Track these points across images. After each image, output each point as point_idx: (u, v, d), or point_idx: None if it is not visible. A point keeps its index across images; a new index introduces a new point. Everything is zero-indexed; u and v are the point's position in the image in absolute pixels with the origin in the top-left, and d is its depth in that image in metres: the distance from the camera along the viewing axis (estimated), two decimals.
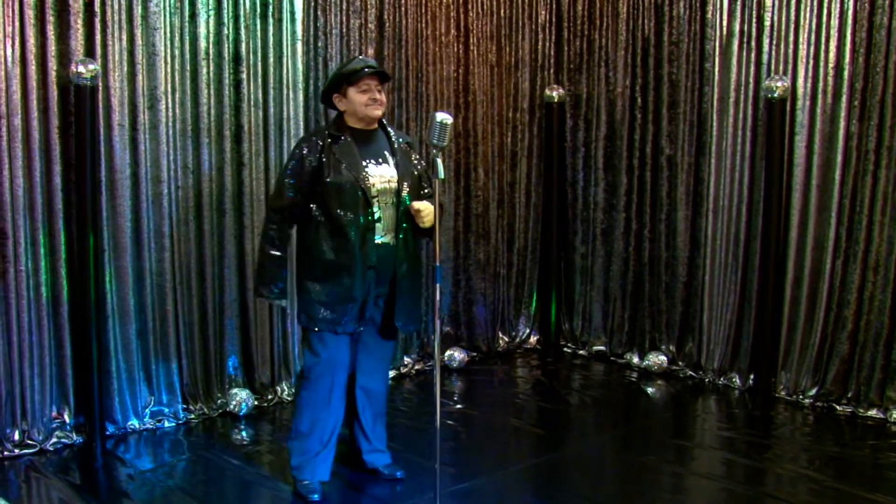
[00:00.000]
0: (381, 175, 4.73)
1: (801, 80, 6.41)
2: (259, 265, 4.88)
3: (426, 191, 4.96)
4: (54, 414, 5.57)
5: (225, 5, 6.04)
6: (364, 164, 4.69)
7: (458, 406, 6.51)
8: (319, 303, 4.68)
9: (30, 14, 5.26)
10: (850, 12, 6.11)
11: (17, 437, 5.39)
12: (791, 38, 6.44)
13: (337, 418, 4.85)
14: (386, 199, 4.73)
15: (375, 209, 4.68)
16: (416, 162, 4.98)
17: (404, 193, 4.75)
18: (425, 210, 4.71)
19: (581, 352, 8.01)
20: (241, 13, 6.13)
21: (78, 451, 5.51)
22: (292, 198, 4.70)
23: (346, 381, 4.89)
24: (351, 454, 5.12)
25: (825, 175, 6.34)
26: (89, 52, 5.49)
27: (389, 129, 4.94)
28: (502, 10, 7.78)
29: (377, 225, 4.69)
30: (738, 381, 6.87)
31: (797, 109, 6.42)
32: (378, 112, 4.76)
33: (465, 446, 5.70)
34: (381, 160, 4.78)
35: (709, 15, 6.93)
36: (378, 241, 4.70)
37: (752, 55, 6.66)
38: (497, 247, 7.96)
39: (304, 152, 4.71)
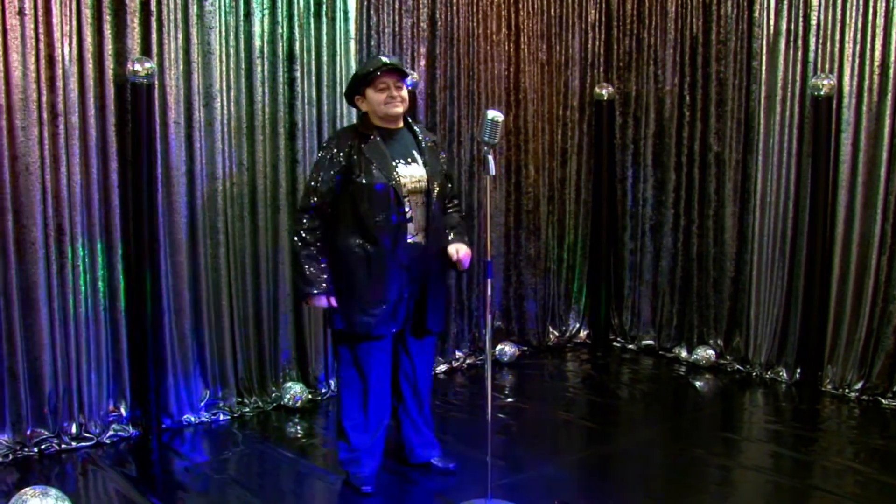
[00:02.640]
0: (412, 175, 4.52)
1: (846, 79, 6.22)
2: (298, 270, 4.57)
3: (450, 186, 4.84)
4: (111, 407, 5.45)
5: (279, 4, 5.88)
6: (394, 163, 4.48)
7: (509, 399, 6.34)
8: (352, 306, 4.48)
9: (87, 13, 5.12)
10: None
11: (74, 430, 5.26)
12: (837, 37, 6.25)
13: (380, 414, 4.69)
14: (416, 198, 4.53)
15: (407, 209, 4.48)
16: (442, 160, 4.78)
17: (434, 192, 4.55)
18: (465, 255, 4.65)
19: (630, 346, 7.81)
20: (295, 12, 5.96)
21: (134, 444, 5.39)
22: (321, 197, 4.46)
23: (388, 375, 4.70)
24: (400, 447, 4.97)
25: (871, 172, 6.15)
26: (145, 51, 5.35)
27: (416, 127, 4.71)
28: (552, 9, 7.55)
29: (409, 225, 4.49)
30: (784, 374, 6.67)
31: (843, 107, 6.24)
32: (398, 109, 4.52)
33: (515, 439, 5.53)
34: (409, 160, 4.57)
35: (756, 14, 6.72)
36: (409, 241, 4.50)
37: (799, 54, 6.46)
38: (547, 242, 7.76)
39: (334, 151, 4.50)
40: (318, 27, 6.08)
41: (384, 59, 4.52)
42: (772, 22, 6.59)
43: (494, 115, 4.14)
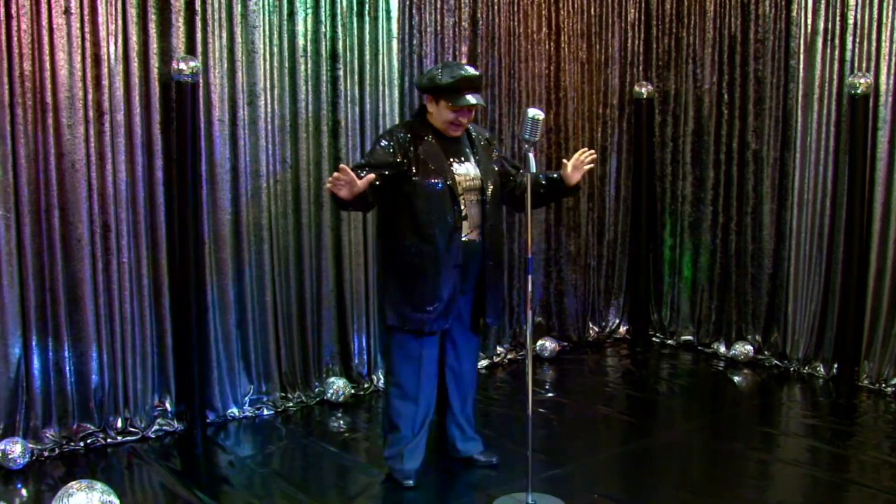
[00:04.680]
0: (466, 173, 4.40)
1: (883, 77, 6.08)
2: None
3: (512, 178, 4.71)
4: (156, 402, 5.35)
5: (322, 4, 5.73)
6: (449, 162, 4.35)
7: (550, 394, 6.22)
8: (406, 303, 4.36)
9: (132, 12, 5.01)
10: None
11: (119, 424, 5.17)
12: (874, 36, 6.11)
13: (427, 410, 4.58)
14: (471, 196, 4.41)
15: (462, 207, 4.34)
16: (495, 157, 4.65)
17: (488, 191, 4.44)
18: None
19: (669, 341, 7.63)
20: (339, 11, 5.80)
21: (179, 438, 5.29)
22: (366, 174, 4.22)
23: (436, 373, 4.59)
24: (443, 442, 4.87)
25: None
26: (190, 50, 5.21)
27: (470, 126, 4.56)
28: (592, 9, 7.34)
29: (464, 223, 4.37)
30: (822, 370, 6.53)
31: (880, 105, 6.10)
32: (456, 135, 4.42)
33: (556, 433, 5.41)
34: (463, 158, 4.45)
35: (794, 13, 6.57)
36: (464, 239, 4.38)
37: (836, 52, 6.32)
38: (587, 239, 7.57)
39: (391, 140, 4.35)
40: (361, 26, 5.94)
41: (471, 77, 4.33)
42: (809, 21, 6.45)
43: (535, 113, 4.06)
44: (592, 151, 4.57)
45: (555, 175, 4.61)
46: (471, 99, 4.30)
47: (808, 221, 6.55)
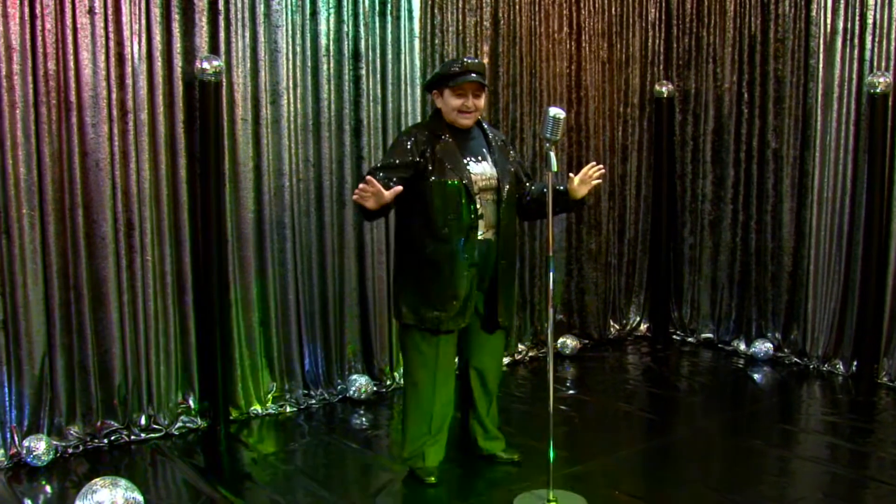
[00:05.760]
0: (482, 173, 4.33)
1: None
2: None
3: (528, 184, 4.62)
4: (180, 399, 5.29)
5: (345, 3, 5.65)
6: (465, 161, 4.28)
7: (571, 392, 6.14)
8: (422, 302, 4.30)
9: (156, 12, 4.93)
10: None
11: (143, 421, 5.11)
12: (893, 36, 6.02)
13: (446, 408, 4.51)
14: (487, 196, 4.34)
15: (478, 207, 4.28)
16: (512, 158, 4.58)
17: (504, 191, 4.36)
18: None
19: (689, 339, 7.54)
20: (361, 11, 5.71)
21: (202, 435, 5.24)
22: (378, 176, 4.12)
23: (454, 369, 4.52)
24: (465, 439, 4.80)
25: None
26: (213, 49, 5.14)
27: (486, 126, 4.50)
28: (613, 8, 7.23)
29: (479, 222, 4.31)
30: (841, 367, 6.45)
31: None
32: (467, 122, 4.32)
33: (577, 431, 5.34)
34: (479, 158, 4.37)
35: (813, 13, 6.48)
36: (480, 238, 4.32)
37: (856, 52, 6.23)
38: (608, 237, 7.47)
39: (410, 140, 4.30)
40: (384, 26, 5.85)
41: (469, 62, 4.29)
42: (828, 21, 6.37)
43: (556, 112, 3.99)
44: (601, 166, 4.42)
45: (561, 188, 4.44)
46: (470, 77, 4.23)
47: (828, 219, 6.47)
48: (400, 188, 4.00)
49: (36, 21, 4.56)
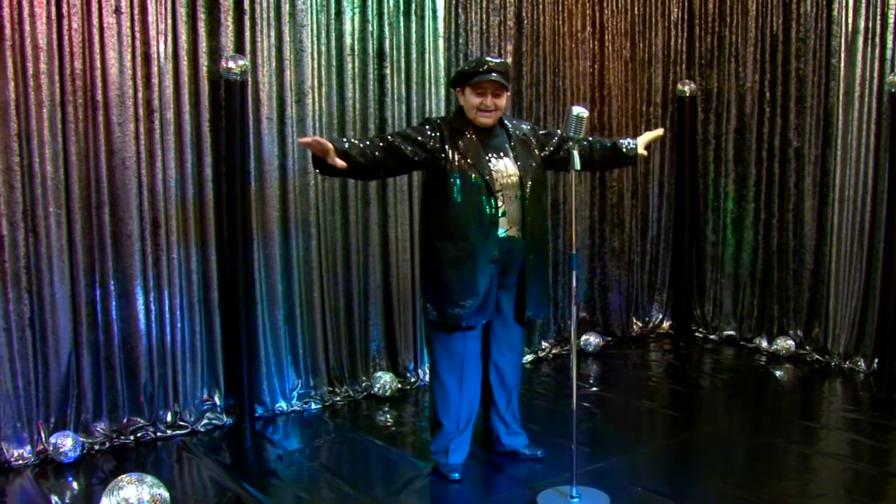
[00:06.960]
0: (504, 169, 4.25)
1: None
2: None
3: (551, 150, 4.53)
4: (205, 396, 5.21)
5: (369, 3, 5.56)
6: (487, 158, 4.19)
7: (594, 389, 6.04)
8: (444, 298, 4.23)
9: (182, 12, 4.86)
10: None
11: (169, 418, 5.04)
12: None
13: (472, 405, 4.45)
14: (509, 192, 4.25)
15: (499, 203, 4.20)
16: (535, 146, 4.44)
17: (527, 187, 4.27)
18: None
19: (712, 336, 7.42)
20: (385, 10, 5.62)
21: (228, 432, 5.17)
22: (400, 142, 4.14)
23: (479, 366, 4.44)
24: (488, 435, 4.73)
25: None
26: (239, 49, 5.06)
27: (507, 122, 4.40)
28: (636, 8, 7.11)
29: (501, 219, 4.22)
30: (863, 364, 6.34)
31: None
32: (486, 121, 4.22)
33: (600, 427, 5.27)
34: (501, 154, 4.29)
35: (835, 12, 6.37)
36: (502, 234, 4.22)
37: (877, 51, 6.12)
38: (631, 235, 7.37)
39: (431, 126, 4.26)
40: (408, 25, 5.75)
41: (491, 61, 4.20)
42: (850, 20, 6.26)
43: (579, 111, 3.93)
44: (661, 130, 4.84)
45: (625, 145, 4.71)
46: (490, 76, 4.14)
47: (849, 218, 6.37)
48: (343, 163, 3.92)
49: (63, 21, 4.48)
